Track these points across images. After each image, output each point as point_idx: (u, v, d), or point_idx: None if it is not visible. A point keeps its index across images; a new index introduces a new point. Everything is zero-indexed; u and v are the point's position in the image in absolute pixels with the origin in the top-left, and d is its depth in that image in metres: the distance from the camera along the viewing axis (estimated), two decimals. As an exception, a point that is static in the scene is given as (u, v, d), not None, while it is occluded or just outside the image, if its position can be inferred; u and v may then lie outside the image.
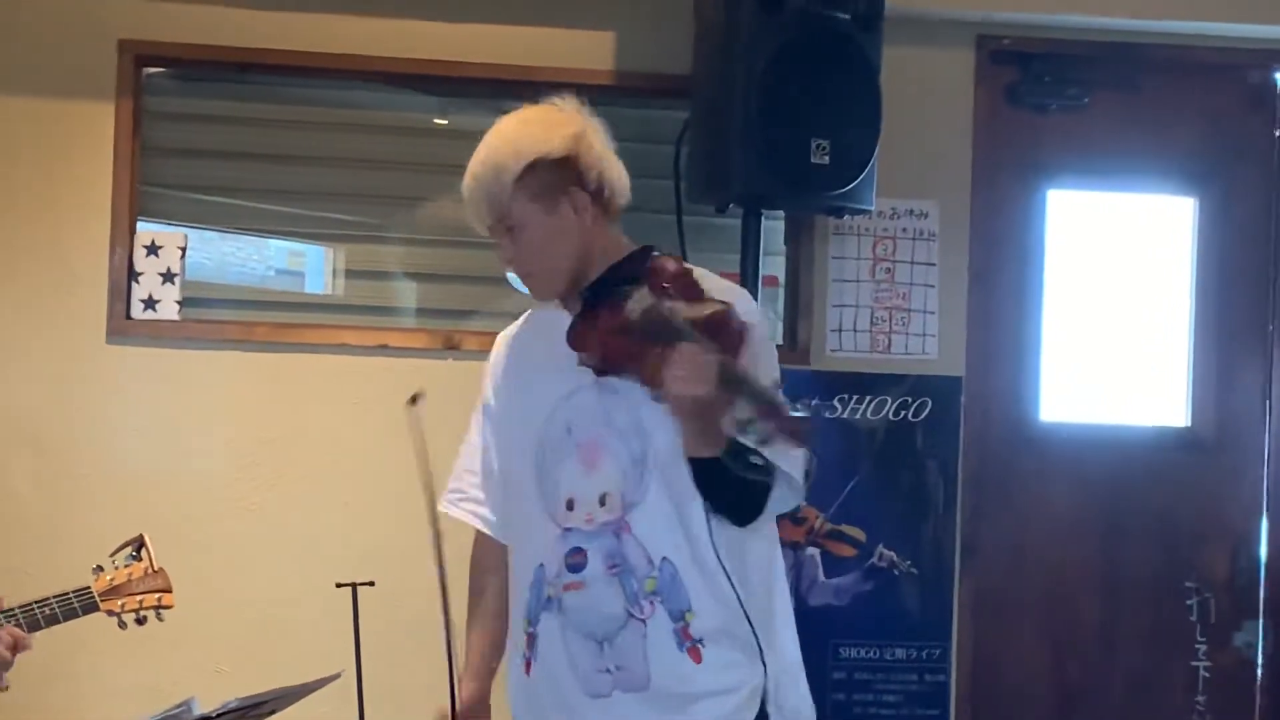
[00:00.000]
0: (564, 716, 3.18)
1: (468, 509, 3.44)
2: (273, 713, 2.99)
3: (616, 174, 3.27)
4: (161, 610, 3.69)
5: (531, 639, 3.21)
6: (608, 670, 3.12)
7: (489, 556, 3.42)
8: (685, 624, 3.09)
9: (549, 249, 3.18)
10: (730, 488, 3.08)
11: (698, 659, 3.09)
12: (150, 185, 4.92)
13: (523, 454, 3.24)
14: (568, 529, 3.16)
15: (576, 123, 3.26)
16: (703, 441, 3.01)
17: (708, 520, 3.11)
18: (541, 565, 3.19)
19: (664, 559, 3.11)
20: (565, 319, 3.21)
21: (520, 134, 3.22)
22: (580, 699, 3.14)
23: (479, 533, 3.43)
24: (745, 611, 3.13)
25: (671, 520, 3.10)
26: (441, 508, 3.46)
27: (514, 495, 3.29)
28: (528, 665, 3.23)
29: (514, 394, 3.32)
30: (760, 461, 3.04)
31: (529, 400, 3.24)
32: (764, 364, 3.14)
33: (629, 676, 3.12)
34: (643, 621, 3.11)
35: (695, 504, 3.11)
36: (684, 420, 2.98)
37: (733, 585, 3.11)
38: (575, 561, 3.14)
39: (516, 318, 3.37)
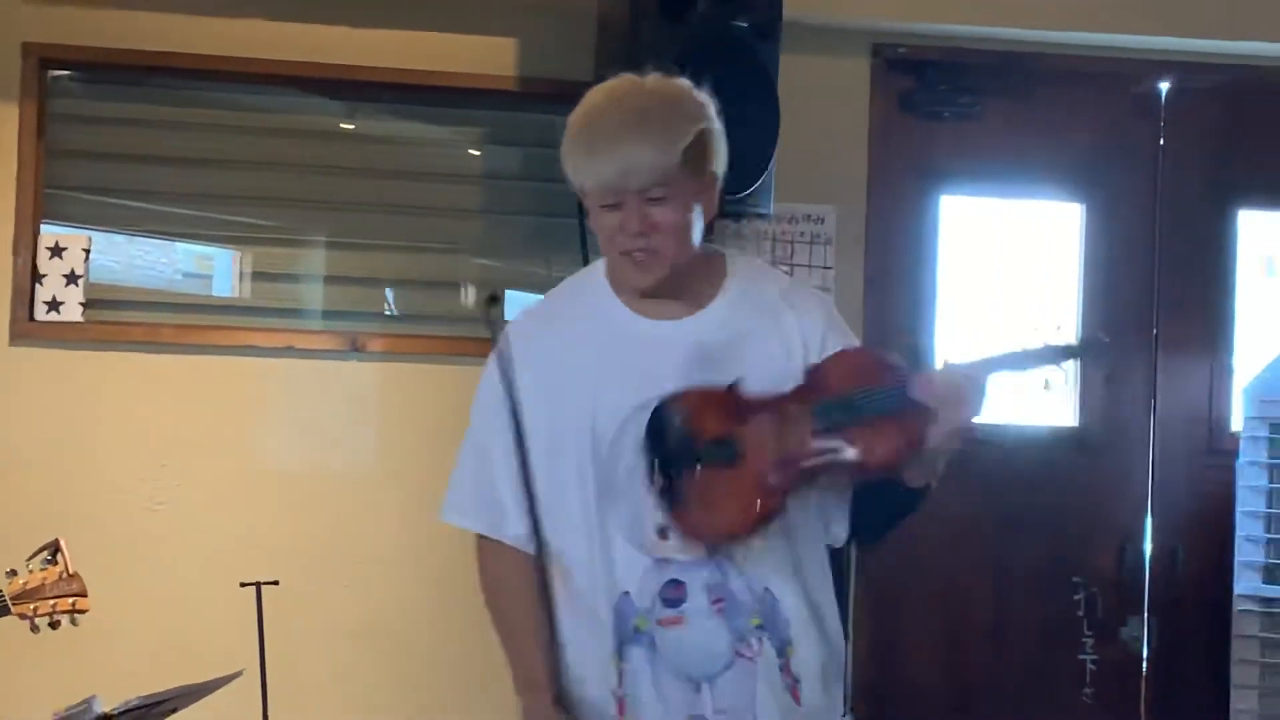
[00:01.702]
0: None
1: (478, 517, 3.06)
2: (174, 711, 2.95)
3: (724, 170, 2.91)
4: (77, 615, 3.63)
5: (623, 675, 2.86)
6: (703, 716, 2.83)
7: (518, 572, 2.94)
8: (786, 659, 2.85)
9: (685, 232, 2.82)
10: (905, 510, 2.97)
11: (797, 699, 2.86)
12: (55, 188, 4.86)
13: (581, 466, 2.87)
14: (662, 560, 2.83)
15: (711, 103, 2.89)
16: (926, 472, 2.89)
17: (824, 545, 2.94)
18: (627, 594, 2.85)
19: (766, 589, 2.86)
20: (622, 311, 2.91)
21: (684, 95, 2.85)
22: None
23: (492, 546, 3.03)
24: (842, 647, 2.95)
25: (778, 546, 2.85)
26: (443, 516, 3.12)
27: (564, 509, 2.88)
28: (621, 706, 2.88)
29: (571, 396, 2.88)
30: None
31: (595, 405, 2.83)
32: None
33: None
34: (752, 660, 2.84)
35: (805, 527, 2.90)
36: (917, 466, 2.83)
37: (834, 618, 2.93)
38: (673, 595, 2.84)
39: (417, 319, 3.25)
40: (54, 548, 3.66)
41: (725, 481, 2.80)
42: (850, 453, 2.75)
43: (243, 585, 4.37)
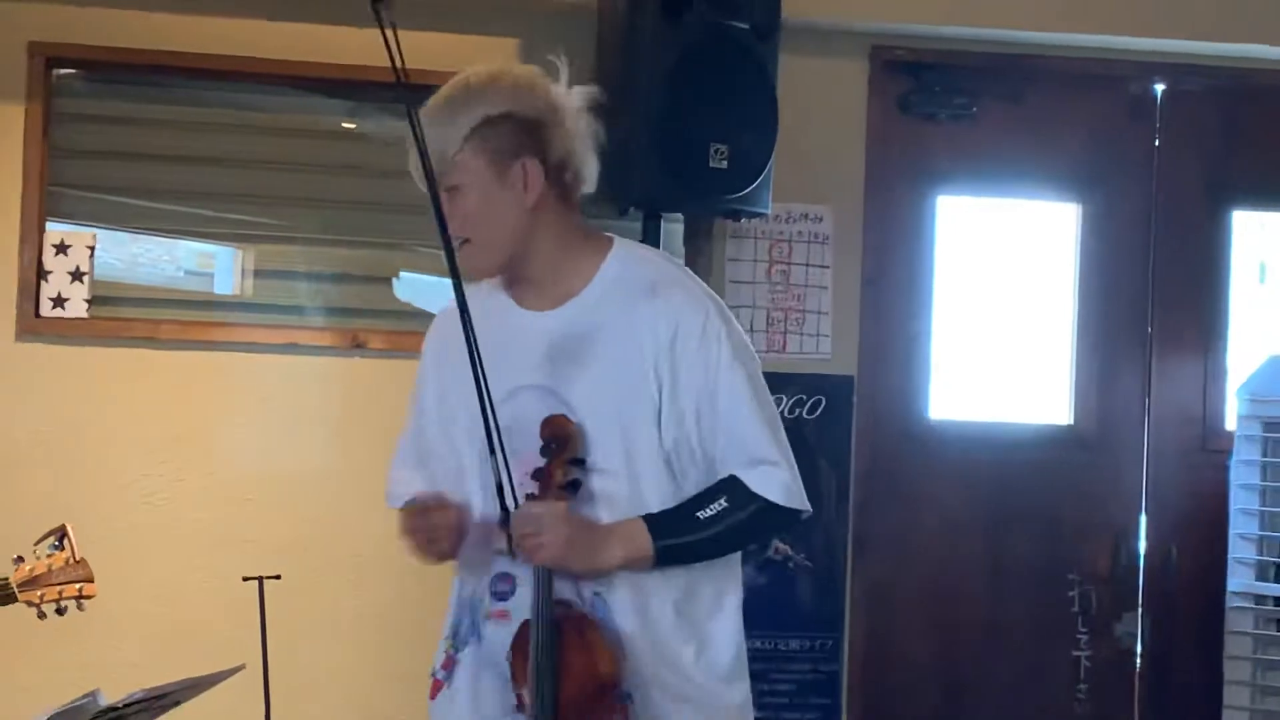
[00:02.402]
0: None
1: (392, 498, 3.16)
2: (177, 704, 2.95)
3: (585, 160, 2.88)
4: (83, 600, 3.63)
5: (450, 662, 2.92)
6: (519, 710, 2.80)
7: None
8: None
9: (489, 217, 2.81)
10: (696, 554, 2.84)
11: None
12: (60, 186, 4.86)
13: (464, 452, 2.93)
14: (499, 551, 2.84)
15: (556, 93, 2.87)
16: (622, 561, 2.78)
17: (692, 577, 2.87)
18: (474, 588, 2.93)
19: (596, 594, 2.83)
20: (505, 302, 2.92)
21: (490, 83, 2.86)
22: None
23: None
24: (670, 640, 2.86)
25: None
26: (389, 504, 3.15)
27: (462, 496, 2.94)
28: (435, 689, 2.95)
29: (454, 385, 2.90)
30: (724, 503, 2.81)
31: (470, 393, 2.74)
32: (719, 371, 2.86)
33: None
34: None
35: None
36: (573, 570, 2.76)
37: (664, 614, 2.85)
38: (502, 589, 2.87)
39: (420, 316, 3.29)
40: (60, 533, 3.66)
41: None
42: None
43: (245, 579, 4.38)
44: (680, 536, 2.80)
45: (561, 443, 2.77)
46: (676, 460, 2.85)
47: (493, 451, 2.68)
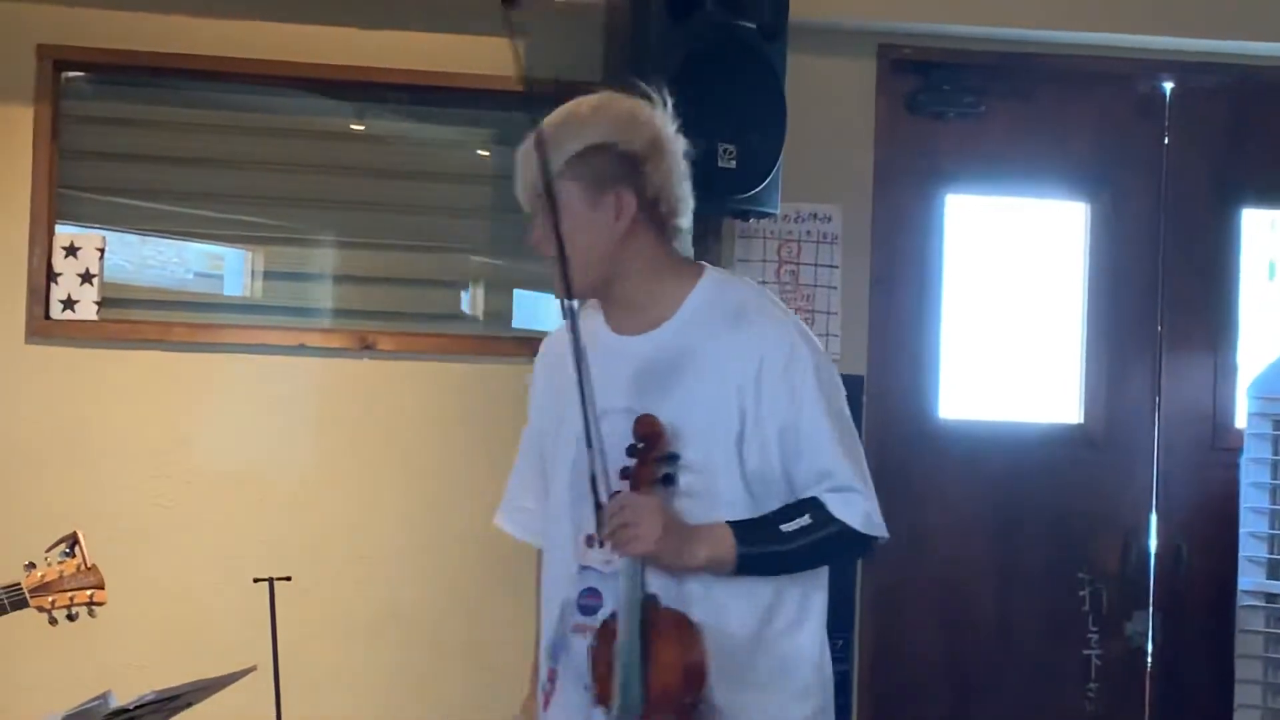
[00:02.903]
0: None
1: (505, 518, 3.18)
2: (189, 705, 2.96)
3: (681, 194, 2.97)
4: (94, 606, 3.64)
5: (554, 675, 2.95)
6: (598, 705, 2.81)
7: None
8: None
9: (576, 240, 2.84)
10: (776, 566, 2.89)
11: None
12: (69, 188, 4.86)
13: (557, 474, 2.98)
14: (584, 567, 2.90)
15: (658, 127, 2.96)
16: (696, 567, 2.82)
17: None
18: (565, 600, 2.93)
19: (680, 591, 2.85)
20: (600, 325, 2.98)
21: (596, 114, 2.94)
22: None
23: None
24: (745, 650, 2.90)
25: (695, 576, 2.85)
26: (496, 521, 3.19)
27: (550, 518, 3.01)
28: (546, 700, 2.97)
29: (553, 409, 3.01)
30: (807, 520, 2.86)
31: (565, 416, 2.90)
32: (805, 399, 2.90)
33: None
34: None
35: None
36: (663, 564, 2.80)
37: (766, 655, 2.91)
38: (589, 603, 2.89)
39: (429, 318, 3.29)
40: (72, 540, 3.66)
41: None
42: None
43: (255, 581, 4.38)
44: (762, 546, 2.84)
45: (652, 440, 2.80)
46: (759, 484, 2.89)
47: (590, 445, 2.76)
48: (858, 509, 2.90)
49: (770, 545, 2.84)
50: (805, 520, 2.85)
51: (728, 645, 2.84)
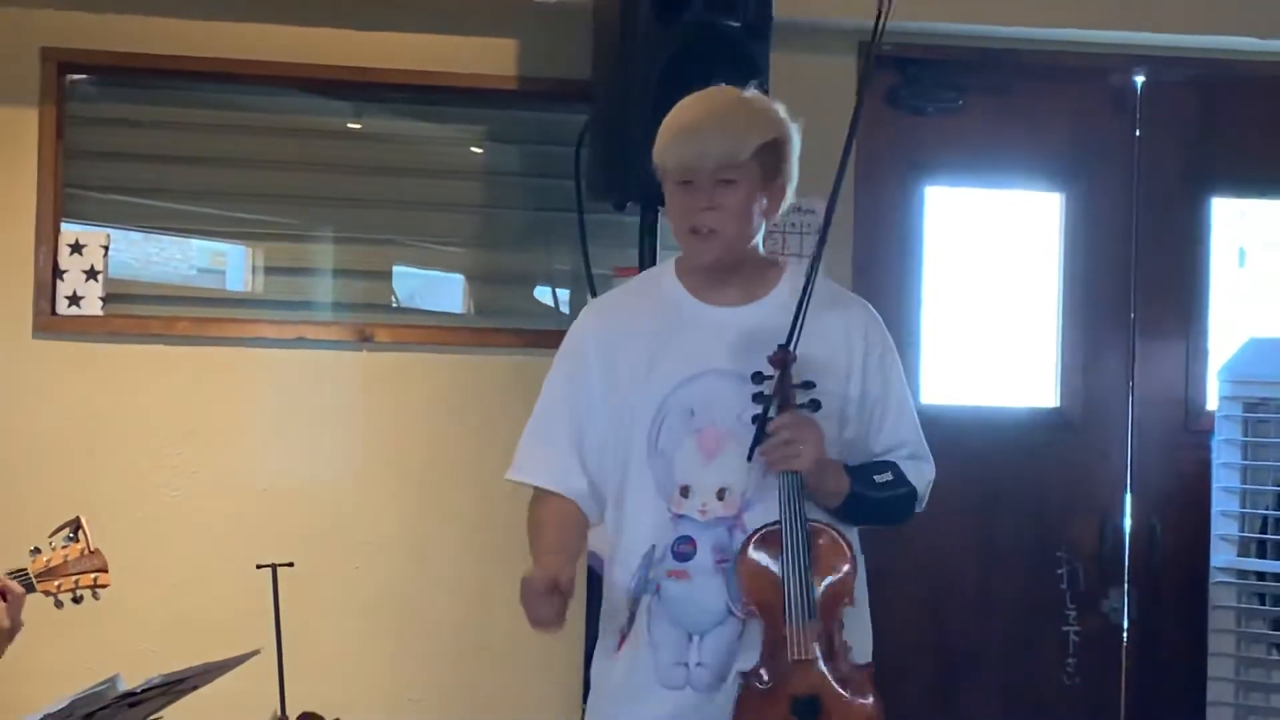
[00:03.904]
0: (631, 703, 3.08)
1: (532, 473, 3.20)
2: (195, 688, 2.95)
3: (791, 189, 3.20)
4: (99, 589, 3.64)
5: (631, 618, 3.06)
6: (685, 664, 3.03)
7: (561, 509, 3.16)
8: None
9: (746, 217, 3.07)
10: (868, 512, 3.15)
11: None
12: (74, 187, 4.87)
13: (635, 427, 3.09)
14: (680, 515, 3.05)
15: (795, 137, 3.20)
16: (826, 493, 3.04)
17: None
18: (652, 547, 3.06)
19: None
20: (682, 294, 3.15)
21: (768, 108, 3.17)
22: (652, 687, 3.04)
23: (544, 494, 3.18)
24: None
25: None
26: (508, 475, 3.23)
27: (621, 470, 3.11)
28: (621, 641, 3.10)
29: (633, 366, 3.11)
30: (890, 476, 3.13)
31: (652, 374, 3.08)
32: (891, 375, 3.19)
33: (706, 674, 3.02)
34: (741, 621, 3.01)
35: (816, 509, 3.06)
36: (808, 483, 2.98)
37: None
38: (684, 550, 3.03)
39: (424, 311, 3.31)
40: (75, 525, 3.67)
41: None
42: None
43: (259, 567, 4.38)
44: (864, 489, 3.09)
45: (787, 367, 2.97)
46: (847, 452, 3.13)
47: (776, 369, 2.96)
48: (925, 476, 3.22)
49: (869, 490, 3.10)
50: (889, 476, 3.13)
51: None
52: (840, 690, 2.98)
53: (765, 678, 2.95)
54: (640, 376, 3.09)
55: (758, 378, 2.98)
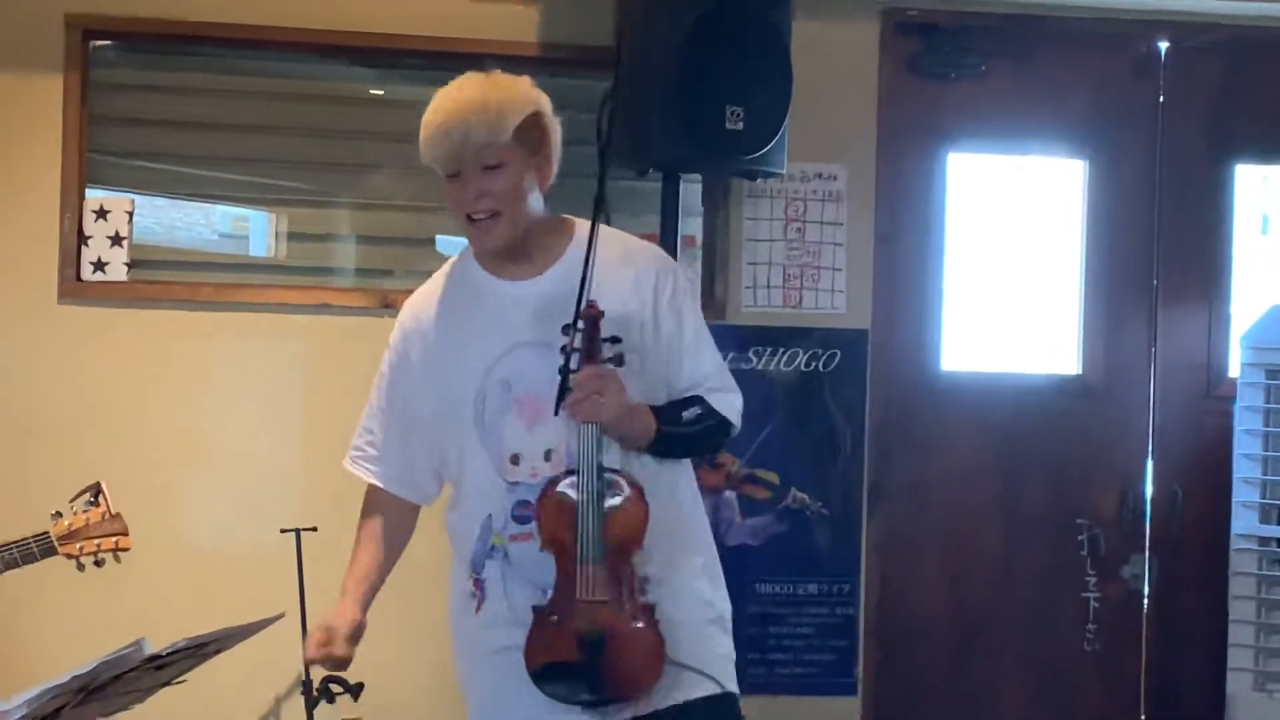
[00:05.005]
0: (502, 656, 3.18)
1: (364, 466, 3.43)
2: (219, 651, 2.97)
3: (558, 155, 3.27)
4: (119, 553, 3.67)
5: (479, 584, 3.23)
6: (542, 607, 3.12)
7: (377, 503, 3.44)
8: None
9: (520, 196, 3.15)
10: (683, 446, 3.24)
11: None
12: (99, 153, 4.87)
13: (461, 409, 3.22)
14: (514, 483, 3.17)
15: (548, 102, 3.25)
16: (634, 437, 3.13)
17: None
18: (489, 516, 3.20)
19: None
20: (482, 275, 3.25)
21: (518, 86, 3.20)
22: (519, 638, 3.13)
23: (371, 485, 3.44)
24: (688, 541, 3.26)
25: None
26: (345, 464, 3.46)
27: (454, 449, 3.28)
28: (478, 605, 3.25)
29: (447, 352, 3.26)
30: (699, 410, 3.21)
31: (465, 357, 3.21)
32: (686, 311, 3.27)
33: None
34: None
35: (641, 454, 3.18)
36: (609, 431, 3.08)
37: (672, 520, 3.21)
38: (523, 514, 3.15)
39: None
40: (95, 490, 3.69)
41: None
42: None
43: (283, 531, 4.40)
44: (673, 427, 3.18)
45: (596, 320, 3.07)
46: (650, 394, 3.21)
47: (575, 324, 3.05)
48: (734, 406, 3.29)
49: (678, 428, 3.19)
50: (697, 410, 3.21)
51: (674, 515, 3.23)
52: (624, 628, 3.07)
53: (554, 615, 3.09)
54: (459, 360, 3.22)
55: (564, 329, 3.07)
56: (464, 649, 3.35)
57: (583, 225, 3.27)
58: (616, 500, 3.08)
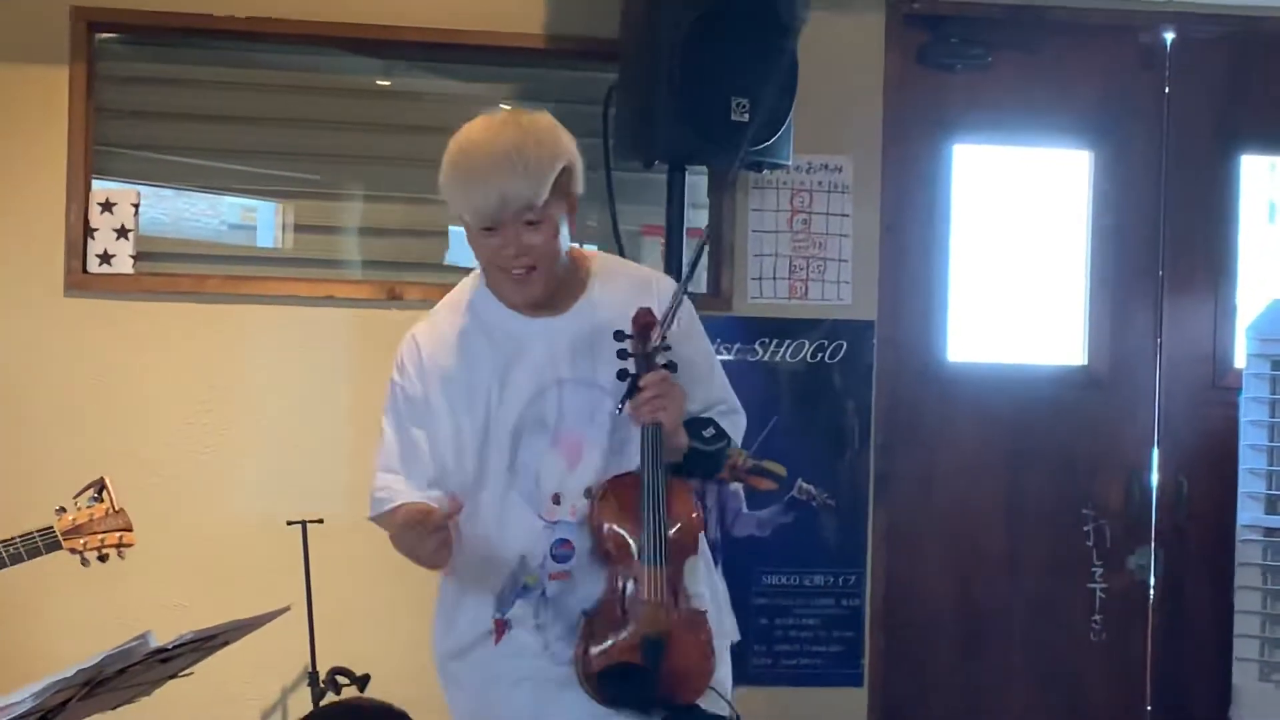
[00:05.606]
0: (532, 686, 3.17)
1: (392, 494, 3.32)
2: (225, 644, 2.96)
3: (582, 188, 3.21)
4: (123, 548, 3.66)
5: (501, 625, 3.19)
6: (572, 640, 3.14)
7: None
8: None
9: (556, 248, 3.11)
10: (699, 463, 3.25)
11: None
12: (105, 145, 4.86)
13: (489, 449, 3.16)
14: (554, 521, 3.15)
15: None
16: (677, 448, 3.16)
17: None
18: (523, 557, 3.16)
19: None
20: (506, 313, 3.18)
21: (553, 136, 3.12)
22: (548, 668, 3.14)
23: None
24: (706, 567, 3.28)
25: None
26: (370, 515, 3.37)
27: (481, 488, 3.18)
28: (498, 638, 3.20)
29: (477, 392, 3.17)
30: (713, 431, 3.25)
31: (500, 398, 3.15)
32: (698, 338, 3.34)
33: None
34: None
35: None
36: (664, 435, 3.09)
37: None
38: (563, 552, 3.15)
39: (455, 270, 3.33)
40: (99, 485, 3.69)
41: None
42: None
43: (289, 523, 4.39)
44: (699, 443, 3.22)
45: (650, 327, 3.10)
46: None
47: (641, 332, 3.09)
48: (740, 427, 3.37)
49: (702, 445, 3.23)
50: (713, 431, 3.26)
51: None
52: (684, 633, 3.09)
53: (611, 618, 3.08)
54: (491, 400, 3.15)
55: (619, 336, 3.09)
56: (474, 677, 3.29)
57: (593, 256, 3.32)
58: (679, 503, 3.12)
